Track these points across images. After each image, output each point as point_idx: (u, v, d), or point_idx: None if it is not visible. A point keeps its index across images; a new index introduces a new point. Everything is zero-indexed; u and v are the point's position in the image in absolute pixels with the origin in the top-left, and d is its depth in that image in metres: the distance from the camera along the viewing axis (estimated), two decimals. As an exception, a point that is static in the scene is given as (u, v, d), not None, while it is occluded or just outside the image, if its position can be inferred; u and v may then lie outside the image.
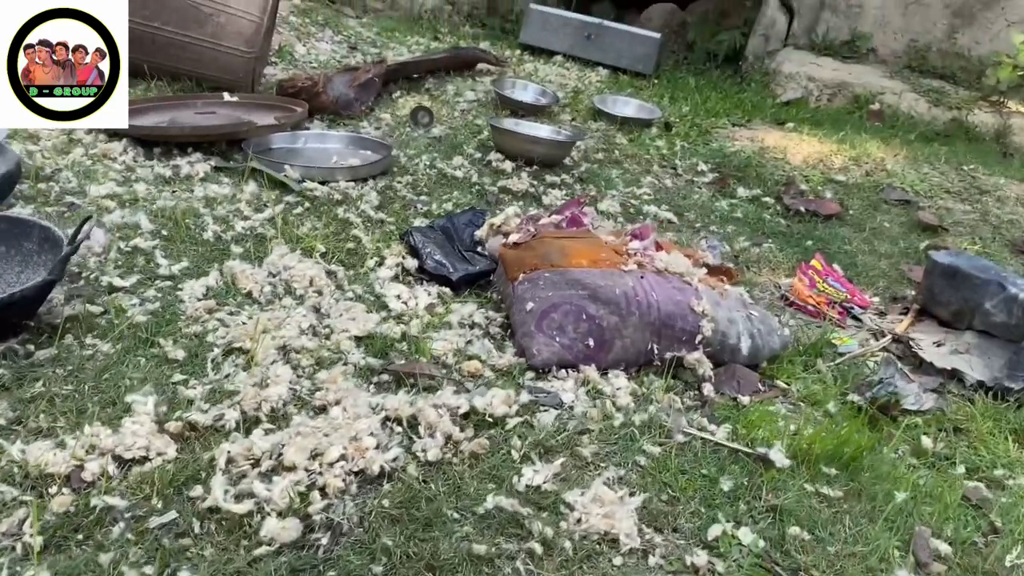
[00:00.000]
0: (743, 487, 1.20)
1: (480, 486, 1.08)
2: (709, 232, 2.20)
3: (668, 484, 1.17)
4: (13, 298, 1.14)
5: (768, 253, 2.14)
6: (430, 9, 4.15)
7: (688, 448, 1.27)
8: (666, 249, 1.66)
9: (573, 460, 1.18)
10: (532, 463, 1.15)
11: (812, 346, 1.70)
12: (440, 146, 2.39)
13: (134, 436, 1.04)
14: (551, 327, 1.43)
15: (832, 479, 1.27)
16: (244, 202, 1.80)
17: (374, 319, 1.43)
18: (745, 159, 2.74)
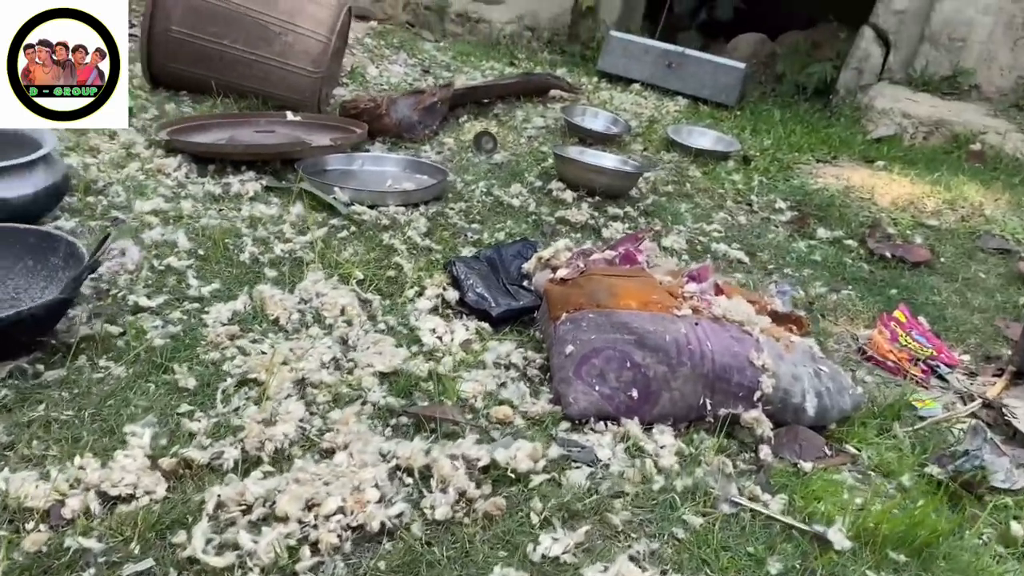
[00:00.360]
0: (794, 571, 1.05)
1: (490, 553, 0.97)
2: (781, 275, 2.04)
3: (707, 562, 1.04)
4: (20, 316, 1.09)
5: (846, 301, 1.97)
6: (508, 35, 4.10)
7: (735, 520, 1.13)
8: (727, 293, 1.52)
9: (601, 528, 1.06)
10: (553, 529, 1.03)
11: (889, 407, 1.53)
12: (500, 173, 2.30)
13: (123, 471, 0.97)
14: (591, 374, 1.31)
15: (900, 567, 1.11)
16: (288, 224, 1.74)
17: (402, 354, 1.34)
18: (828, 198, 2.57)
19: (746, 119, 3.45)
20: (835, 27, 4.62)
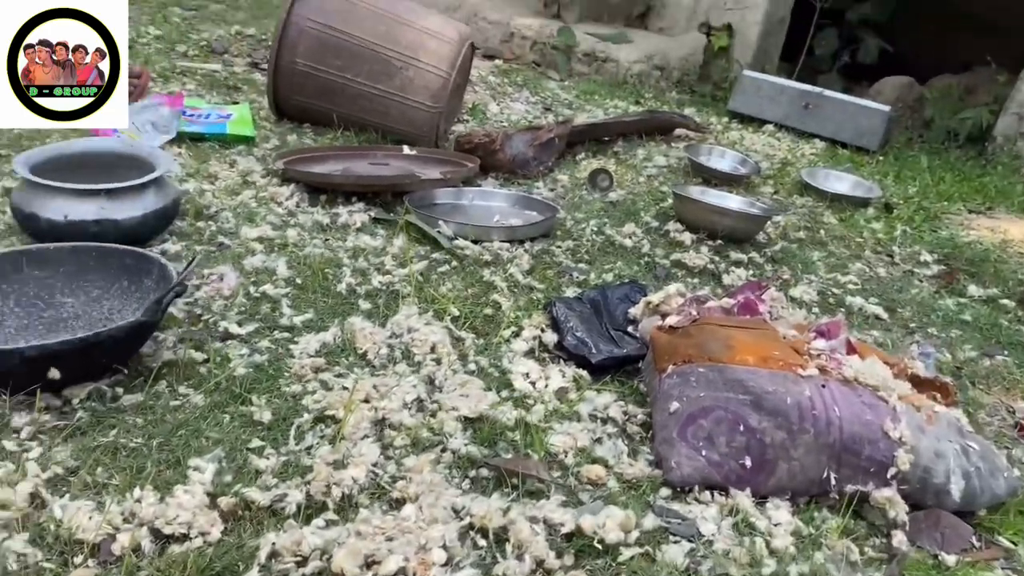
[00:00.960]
0: None
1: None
2: (925, 335, 1.82)
3: (823, 674, 0.87)
4: (99, 337, 1.07)
5: (1001, 367, 1.73)
6: (636, 74, 4.01)
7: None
8: (861, 353, 1.34)
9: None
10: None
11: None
12: (614, 211, 2.19)
13: (179, 508, 0.91)
14: (699, 436, 1.17)
15: None
16: (390, 256, 1.69)
17: (490, 399, 1.24)
18: (982, 252, 2.31)
19: (889, 165, 3.20)
20: (992, 71, 4.28)
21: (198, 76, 2.92)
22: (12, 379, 1.04)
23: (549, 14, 4.33)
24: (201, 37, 3.47)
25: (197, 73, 2.95)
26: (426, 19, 2.52)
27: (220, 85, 2.87)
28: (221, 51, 3.33)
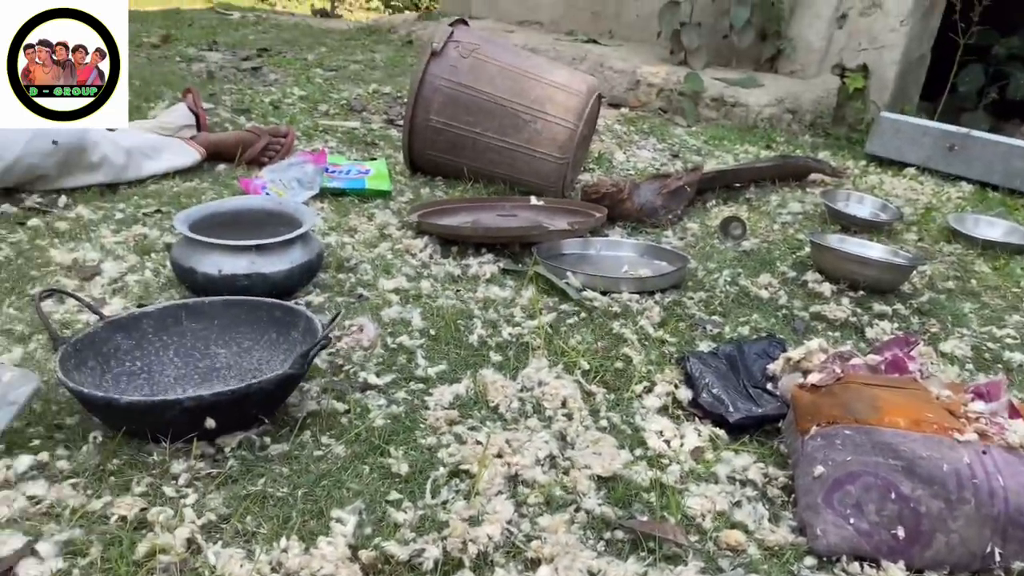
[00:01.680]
0: None
1: None
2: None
3: None
4: (250, 389, 1.12)
5: None
6: (767, 118, 3.93)
7: None
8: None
9: None
10: None
11: None
12: (748, 261, 2.14)
13: (323, 560, 0.94)
14: (845, 503, 1.11)
15: None
16: (519, 307, 1.71)
17: (624, 457, 1.22)
18: None
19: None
20: None
21: (338, 133, 3.07)
22: (172, 428, 1.10)
23: (675, 61, 4.32)
24: (341, 96, 3.66)
25: (338, 131, 3.11)
26: (553, 73, 2.57)
27: (359, 141, 3.01)
28: (359, 109, 3.50)
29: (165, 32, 4.92)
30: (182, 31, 5.20)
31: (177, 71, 3.89)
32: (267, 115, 3.22)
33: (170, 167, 2.34)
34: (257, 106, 3.33)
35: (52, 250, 1.78)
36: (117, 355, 1.29)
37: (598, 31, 5.06)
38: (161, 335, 1.35)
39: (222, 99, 3.35)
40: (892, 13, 4.10)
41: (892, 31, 4.11)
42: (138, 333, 1.33)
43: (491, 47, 2.60)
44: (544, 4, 5.34)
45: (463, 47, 2.53)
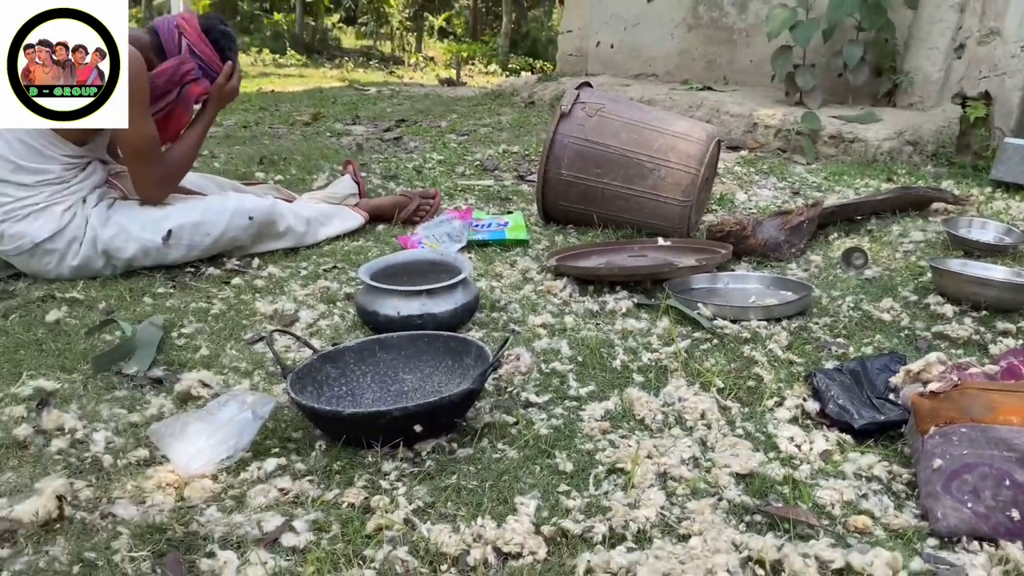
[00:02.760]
0: None
1: (841, 652, 0.98)
2: None
3: None
4: (443, 401, 1.38)
5: None
6: (887, 151, 3.99)
7: None
8: None
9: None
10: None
11: None
12: (871, 288, 2.26)
13: (513, 533, 1.16)
14: (962, 490, 1.24)
15: None
16: (655, 336, 1.92)
17: (759, 458, 1.40)
18: None
19: None
20: None
21: (476, 191, 3.39)
22: (383, 435, 1.37)
23: (791, 102, 4.46)
24: (474, 158, 4.00)
25: (475, 189, 3.43)
26: (674, 124, 2.79)
27: (495, 197, 3.31)
28: (492, 168, 3.83)
29: (314, 111, 5.46)
30: (328, 108, 5.75)
31: (329, 145, 4.35)
32: (412, 179, 3.58)
33: (340, 231, 2.70)
34: (402, 172, 3.71)
35: (256, 303, 2.12)
36: (328, 382, 1.58)
37: (712, 78, 5.25)
38: (360, 365, 1.63)
39: (372, 168, 3.74)
40: (1011, 40, 4.10)
41: (1013, 57, 4.11)
42: (343, 364, 1.62)
43: (614, 104, 2.85)
44: (658, 57, 5.59)
45: (589, 107, 2.79)
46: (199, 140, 2.43)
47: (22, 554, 1.14)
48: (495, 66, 13.26)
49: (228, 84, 2.39)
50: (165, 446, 1.38)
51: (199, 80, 2.33)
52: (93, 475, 1.34)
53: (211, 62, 2.33)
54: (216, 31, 2.33)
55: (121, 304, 2.10)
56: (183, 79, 2.28)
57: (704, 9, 5.27)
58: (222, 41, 2.34)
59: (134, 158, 2.24)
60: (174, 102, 2.33)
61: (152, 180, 2.29)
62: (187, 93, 2.33)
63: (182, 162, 2.39)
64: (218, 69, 2.36)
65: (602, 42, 5.91)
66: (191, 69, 2.29)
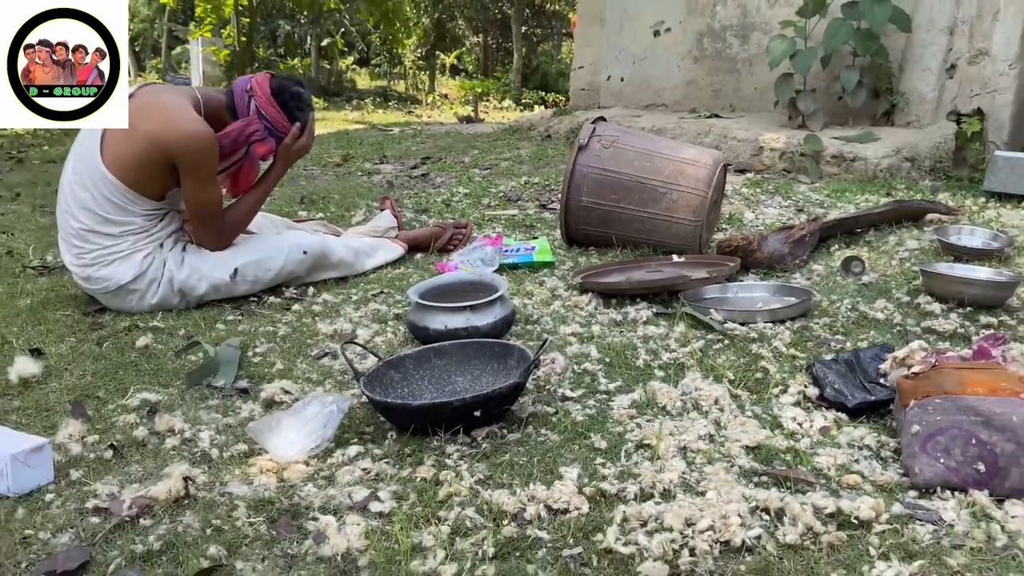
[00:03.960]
0: None
1: (831, 571, 1.21)
2: None
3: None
4: (494, 393, 1.64)
5: None
6: (886, 168, 4.24)
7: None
8: (1093, 383, 1.57)
9: (936, 567, 1.23)
10: (889, 561, 1.23)
11: None
12: (867, 292, 2.50)
13: (560, 493, 1.41)
14: (936, 449, 1.48)
15: None
16: (673, 339, 2.16)
17: (765, 434, 1.64)
18: None
19: None
20: None
21: (502, 220, 3.67)
22: (445, 420, 1.63)
23: (794, 125, 4.72)
24: (498, 190, 4.28)
25: (501, 218, 3.70)
26: (683, 152, 3.06)
27: (520, 225, 3.58)
28: (515, 199, 4.11)
29: (344, 152, 5.79)
30: (355, 149, 6.08)
31: (362, 183, 4.66)
32: (442, 212, 3.86)
33: (384, 261, 2.97)
34: (432, 205, 4.00)
35: (317, 324, 2.39)
36: (392, 384, 1.84)
37: (719, 106, 5.53)
38: (418, 370, 1.89)
39: (404, 203, 4.03)
40: (999, 58, 4.36)
41: (1002, 75, 4.36)
42: (403, 369, 1.88)
43: (627, 136, 3.13)
44: (667, 88, 5.89)
45: (604, 139, 3.07)
46: (261, 198, 2.69)
47: (161, 523, 1.40)
48: (509, 101, 13.65)
49: (296, 144, 2.62)
50: (263, 440, 1.64)
51: (265, 140, 2.56)
52: (205, 465, 1.60)
53: (278, 123, 2.55)
54: (287, 93, 2.56)
55: (197, 331, 2.38)
56: (249, 139, 2.53)
57: (708, 41, 5.57)
58: (291, 103, 2.57)
59: (196, 219, 2.54)
60: (242, 160, 2.61)
61: (210, 237, 2.57)
62: (254, 152, 2.58)
63: (241, 219, 2.65)
64: (285, 130, 2.58)
65: (612, 76, 6.22)
66: (256, 130, 2.53)
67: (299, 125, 2.62)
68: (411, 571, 1.25)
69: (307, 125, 2.65)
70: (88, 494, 1.47)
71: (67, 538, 1.35)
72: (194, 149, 2.37)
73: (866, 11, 4.30)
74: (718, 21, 5.49)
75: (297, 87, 2.61)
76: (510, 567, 1.26)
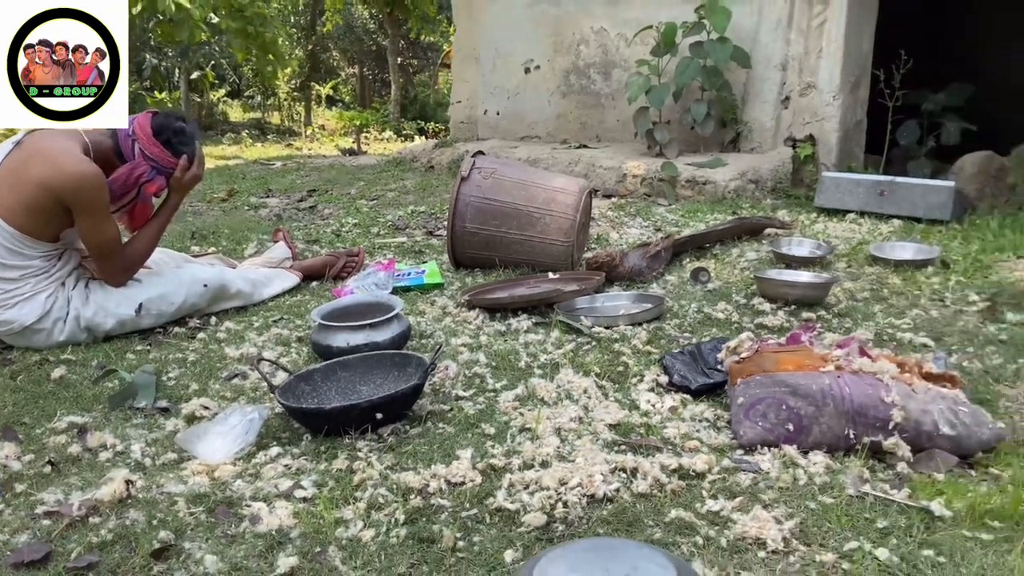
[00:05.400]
0: (899, 528, 1.49)
1: (673, 508, 1.55)
2: (962, 354, 2.38)
3: (826, 519, 1.52)
4: (397, 394, 1.91)
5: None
6: (733, 190, 4.75)
7: (860, 501, 1.59)
8: (874, 358, 1.98)
9: (751, 501, 1.58)
10: (716, 499, 1.58)
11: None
12: (712, 297, 2.91)
13: (458, 469, 1.69)
14: (755, 415, 1.85)
15: (994, 530, 1.49)
16: (549, 343, 2.49)
17: (624, 414, 1.98)
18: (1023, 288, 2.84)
19: (958, 231, 3.74)
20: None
21: (392, 247, 3.93)
22: (354, 421, 1.88)
23: (653, 154, 5.20)
24: (386, 219, 4.54)
25: (391, 246, 3.97)
26: (553, 180, 3.42)
27: (408, 251, 3.86)
28: (403, 227, 4.37)
29: (228, 187, 5.90)
30: (239, 184, 6.19)
31: (250, 217, 4.82)
32: (333, 242, 4.09)
33: (281, 289, 3.18)
34: (323, 236, 4.21)
35: (224, 349, 2.59)
36: (303, 395, 2.08)
37: (587, 137, 5.99)
38: (326, 382, 2.14)
39: (294, 234, 4.23)
40: (825, 91, 4.98)
41: (828, 105, 4.98)
42: (313, 381, 2.12)
43: (505, 168, 3.47)
44: (539, 121, 6.31)
45: (484, 171, 3.39)
46: (160, 230, 2.84)
47: (109, 519, 1.59)
48: (389, 132, 13.89)
49: (187, 175, 2.77)
50: (191, 447, 1.85)
51: (154, 179, 2.68)
52: (140, 472, 1.79)
53: (163, 161, 2.67)
54: (168, 131, 2.68)
55: (109, 361, 2.53)
56: (138, 181, 2.64)
57: (575, 78, 6.03)
58: (174, 140, 2.69)
59: (97, 256, 2.65)
60: (134, 200, 2.74)
61: (112, 272, 2.69)
62: (145, 192, 2.71)
63: (142, 252, 2.79)
64: (172, 166, 2.71)
65: (489, 110, 6.60)
66: (144, 172, 2.63)
67: (187, 156, 2.74)
68: (336, 536, 1.50)
69: (195, 156, 2.78)
70: (36, 502, 1.65)
71: (26, 537, 1.52)
72: (84, 189, 2.44)
73: (711, 50, 4.83)
74: (582, 59, 5.96)
75: (179, 122, 2.71)
76: (419, 528, 1.53)
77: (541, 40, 6.11)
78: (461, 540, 1.49)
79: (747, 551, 1.42)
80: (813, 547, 1.44)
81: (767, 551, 1.42)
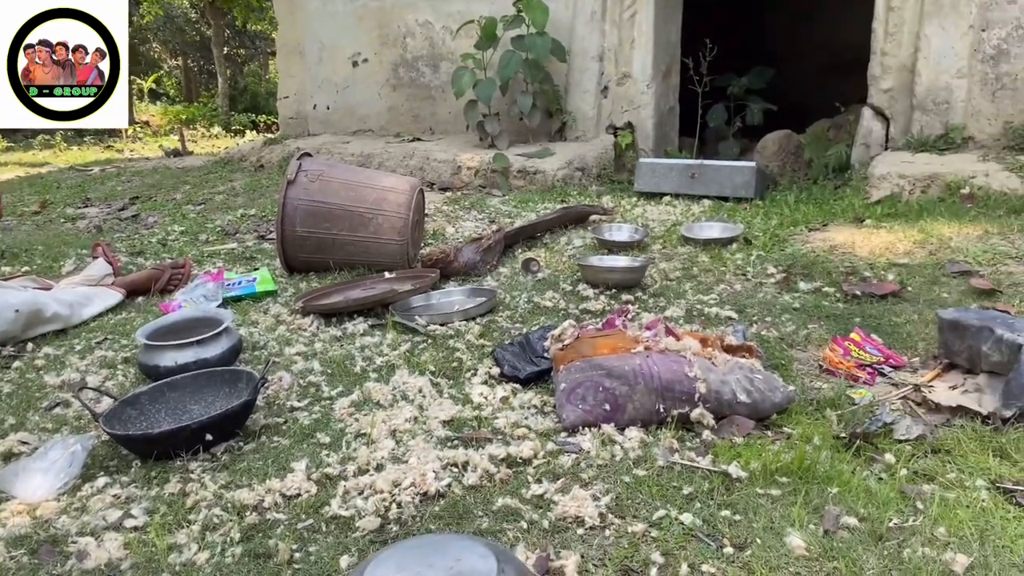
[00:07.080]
0: (702, 492, 1.66)
1: (501, 496, 1.65)
2: (764, 324, 2.63)
3: (639, 491, 1.66)
4: (228, 412, 1.90)
5: (814, 334, 2.53)
6: (562, 179, 4.95)
7: (669, 471, 1.75)
8: (679, 336, 2.17)
9: (574, 480, 1.71)
10: (541, 483, 1.69)
11: (828, 400, 2.09)
12: (541, 286, 3.05)
13: (292, 482, 1.72)
14: (576, 398, 1.99)
15: (783, 485, 1.69)
16: (385, 345, 2.54)
17: (458, 409, 2.06)
18: (813, 258, 3.15)
19: (761, 208, 4.09)
20: (849, 112, 5.22)
21: (222, 255, 3.83)
22: (185, 443, 1.86)
23: (484, 146, 5.32)
24: (215, 224, 4.41)
25: (220, 253, 3.87)
26: (383, 180, 3.45)
27: (239, 258, 3.78)
28: (233, 232, 4.27)
29: (40, 199, 5.52)
30: (53, 194, 5.80)
31: (67, 230, 4.54)
32: (159, 252, 3.93)
33: (102, 308, 3.05)
34: (148, 247, 4.04)
35: (44, 377, 2.47)
36: (130, 420, 2.02)
37: (420, 130, 6.03)
38: (154, 404, 2.09)
39: (117, 247, 4.03)
40: (639, 80, 5.26)
41: (642, 93, 5.27)
42: (139, 405, 2.07)
43: (331, 169, 3.46)
44: (371, 115, 6.28)
45: (311, 174, 3.37)
46: None
47: (-82, 575, 1.51)
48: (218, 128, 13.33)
49: None
50: (8, 487, 1.77)
51: None
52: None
53: None
54: None
55: (-91, 401, 2.35)
56: None
57: (404, 71, 6.05)
58: None
59: None
60: None
61: None
62: None
63: None
64: None
65: (319, 104, 6.50)
66: None
67: None
68: (170, 563, 1.50)
69: None
70: None
71: None
72: None
73: (531, 45, 4.99)
74: (410, 52, 5.99)
75: None
76: (255, 544, 1.55)
77: (366, 33, 6.08)
78: (297, 552, 1.52)
79: (567, 530, 1.54)
80: (627, 519, 1.58)
81: (585, 528, 1.54)
